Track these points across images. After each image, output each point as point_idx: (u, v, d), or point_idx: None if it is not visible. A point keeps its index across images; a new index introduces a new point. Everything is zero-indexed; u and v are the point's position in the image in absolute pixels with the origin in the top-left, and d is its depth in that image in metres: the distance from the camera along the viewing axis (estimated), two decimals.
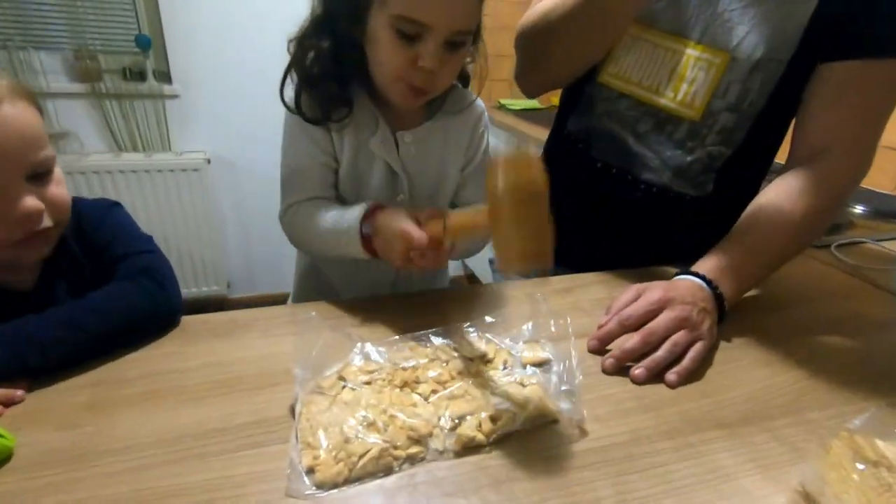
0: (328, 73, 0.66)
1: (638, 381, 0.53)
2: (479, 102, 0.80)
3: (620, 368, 0.55)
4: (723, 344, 0.61)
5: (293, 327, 0.59)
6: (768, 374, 0.56)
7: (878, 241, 0.99)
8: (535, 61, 0.87)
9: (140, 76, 1.96)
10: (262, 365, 0.53)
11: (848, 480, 0.37)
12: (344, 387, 0.48)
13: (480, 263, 2.44)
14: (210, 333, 0.57)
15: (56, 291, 0.54)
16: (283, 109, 0.69)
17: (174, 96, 2.00)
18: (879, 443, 0.39)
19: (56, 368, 0.49)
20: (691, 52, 0.73)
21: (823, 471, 0.40)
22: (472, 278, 2.69)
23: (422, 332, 0.57)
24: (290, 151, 0.71)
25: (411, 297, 0.69)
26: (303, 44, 0.66)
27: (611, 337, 0.58)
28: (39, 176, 0.48)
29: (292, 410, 0.46)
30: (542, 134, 1.88)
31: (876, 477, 0.36)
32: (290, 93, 0.68)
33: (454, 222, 0.54)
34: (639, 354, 0.55)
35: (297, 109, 0.67)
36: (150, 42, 1.92)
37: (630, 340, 0.56)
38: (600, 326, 0.60)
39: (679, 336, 0.55)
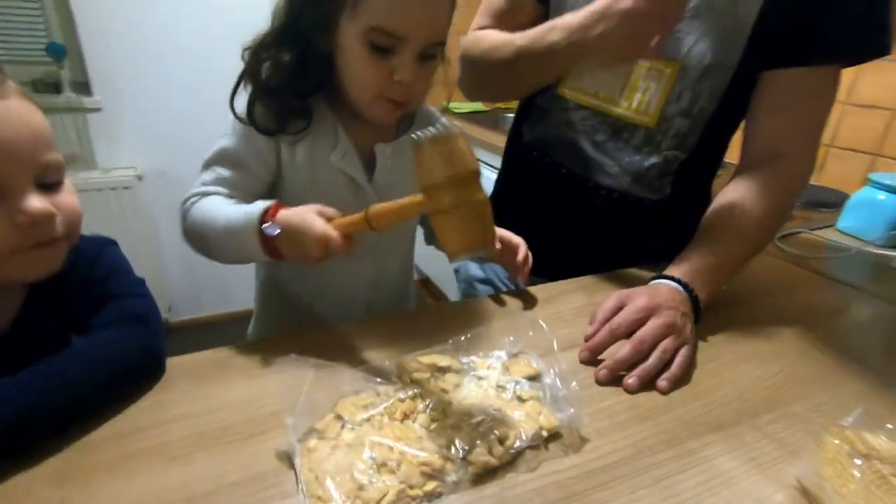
0: (287, 85, 0.63)
1: (631, 390, 0.54)
2: (444, 119, 0.80)
3: (614, 378, 0.56)
4: (700, 344, 0.63)
5: (277, 364, 0.55)
6: (746, 370, 0.59)
7: (812, 229, 1.07)
8: (479, 86, 0.89)
9: (54, 88, 1.80)
10: (248, 410, 0.49)
11: (845, 475, 0.40)
12: (343, 426, 0.46)
13: (441, 270, 2.44)
14: (186, 377, 0.52)
15: (34, 335, 0.48)
16: (220, 112, 0.64)
17: (96, 109, 1.84)
18: (867, 436, 0.41)
19: (43, 437, 0.43)
20: (643, 63, 0.75)
21: (818, 466, 0.42)
22: (426, 282, 2.68)
23: (408, 354, 0.56)
24: (228, 142, 0.65)
25: (387, 320, 0.67)
26: (259, 54, 0.62)
27: (602, 347, 0.59)
28: (50, 186, 0.45)
29: (288, 459, 0.43)
30: (488, 136, 1.91)
31: (871, 469, 0.39)
32: (240, 101, 0.64)
33: (377, 211, 0.51)
34: (631, 363, 0.56)
35: (249, 119, 0.63)
36: (64, 50, 1.76)
37: (622, 350, 0.56)
38: (587, 337, 0.61)
39: (667, 343, 0.57)
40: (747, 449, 0.47)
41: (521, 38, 0.75)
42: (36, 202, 0.42)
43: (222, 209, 0.60)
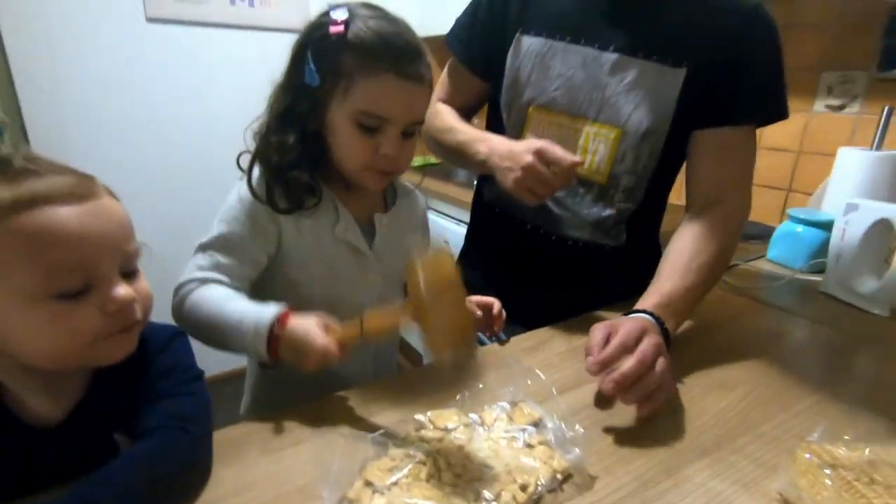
0: (297, 163, 0.68)
1: (628, 403, 0.59)
2: (415, 189, 0.88)
3: (619, 392, 0.59)
4: (675, 376, 0.70)
5: (292, 437, 0.57)
6: (717, 398, 0.66)
7: (747, 261, 1.20)
8: (437, 153, 1.02)
9: None
10: (276, 487, 0.50)
11: (818, 485, 0.46)
12: (374, 492, 0.48)
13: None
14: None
15: (85, 432, 0.48)
16: (166, 189, 0.68)
17: None
18: (830, 448, 0.49)
19: None
20: (589, 129, 0.87)
21: (795, 479, 0.49)
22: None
23: (420, 414, 0.59)
24: (227, 228, 0.68)
25: (392, 381, 0.70)
26: (268, 138, 0.68)
27: (611, 360, 0.61)
28: (131, 273, 0.48)
29: None
30: (441, 187, 2.00)
31: (839, 477, 0.46)
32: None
33: (372, 325, 0.56)
34: (635, 377, 0.59)
35: (269, 202, 0.68)
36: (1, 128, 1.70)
37: (626, 363, 0.59)
38: (592, 363, 0.62)
39: (662, 362, 0.61)
40: (733, 470, 0.54)
41: (462, 134, 0.91)
42: (122, 290, 0.45)
43: (228, 307, 0.62)
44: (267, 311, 0.60)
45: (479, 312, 0.78)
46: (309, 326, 0.58)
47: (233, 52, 1.95)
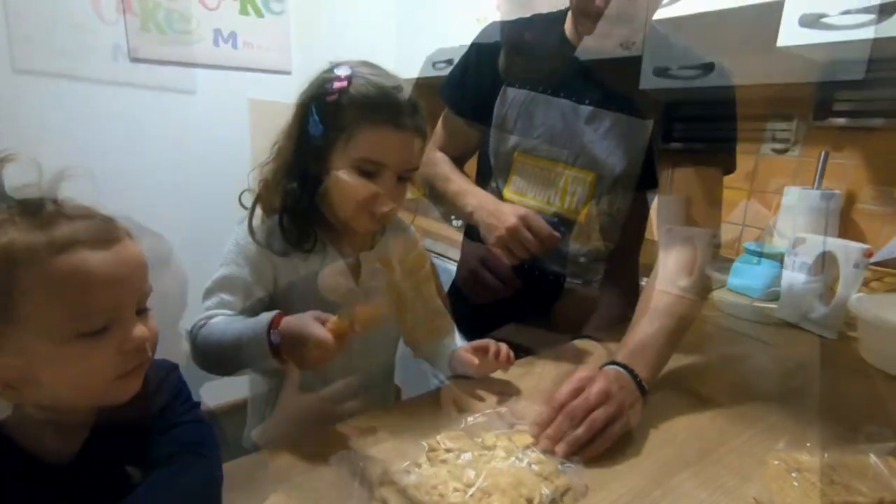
0: (299, 209, 0.73)
1: (562, 457, 0.60)
2: (411, 226, 0.93)
3: (554, 445, 0.62)
4: (653, 400, 0.75)
5: (305, 465, 0.60)
6: (694, 417, 0.73)
7: (711, 291, 1.30)
8: (432, 199, 1.10)
9: None
10: None
11: (786, 488, 0.53)
12: None
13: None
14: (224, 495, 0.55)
15: (97, 466, 0.49)
16: (167, 224, 0.70)
17: None
18: (795, 455, 0.56)
19: None
20: (568, 173, 0.95)
21: (767, 484, 0.55)
22: None
23: (427, 438, 0.63)
24: (229, 270, 0.74)
25: (398, 408, 0.74)
26: (273, 186, 0.72)
27: (547, 420, 0.64)
28: (142, 311, 0.49)
29: None
30: (416, 220, 2.07)
31: (804, 479, 0.52)
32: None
33: (361, 316, 0.62)
34: (566, 430, 0.62)
35: (267, 244, 0.73)
36: None
37: (555, 422, 0.63)
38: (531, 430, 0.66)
39: (598, 413, 0.63)
40: (713, 479, 0.60)
41: (455, 184, 1.00)
42: (139, 330, 0.47)
43: (231, 326, 0.68)
44: (263, 316, 0.66)
45: (476, 361, 0.78)
46: (304, 319, 0.64)
47: (216, 92, 1.99)
